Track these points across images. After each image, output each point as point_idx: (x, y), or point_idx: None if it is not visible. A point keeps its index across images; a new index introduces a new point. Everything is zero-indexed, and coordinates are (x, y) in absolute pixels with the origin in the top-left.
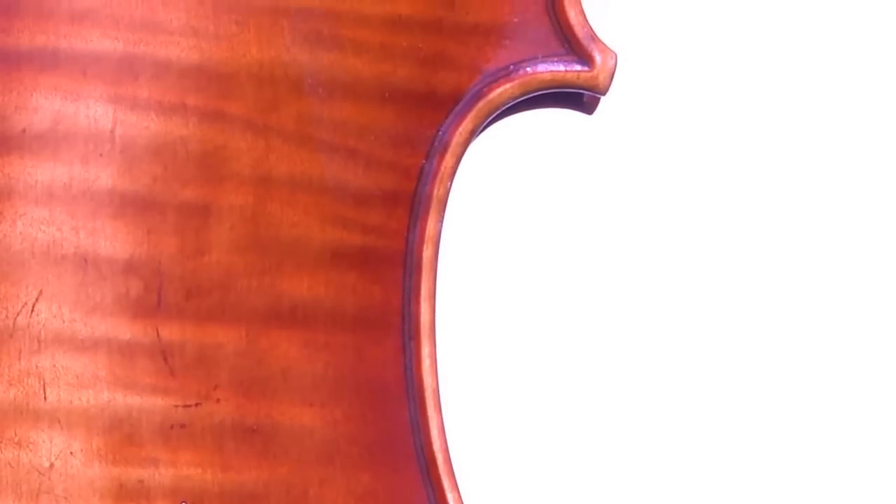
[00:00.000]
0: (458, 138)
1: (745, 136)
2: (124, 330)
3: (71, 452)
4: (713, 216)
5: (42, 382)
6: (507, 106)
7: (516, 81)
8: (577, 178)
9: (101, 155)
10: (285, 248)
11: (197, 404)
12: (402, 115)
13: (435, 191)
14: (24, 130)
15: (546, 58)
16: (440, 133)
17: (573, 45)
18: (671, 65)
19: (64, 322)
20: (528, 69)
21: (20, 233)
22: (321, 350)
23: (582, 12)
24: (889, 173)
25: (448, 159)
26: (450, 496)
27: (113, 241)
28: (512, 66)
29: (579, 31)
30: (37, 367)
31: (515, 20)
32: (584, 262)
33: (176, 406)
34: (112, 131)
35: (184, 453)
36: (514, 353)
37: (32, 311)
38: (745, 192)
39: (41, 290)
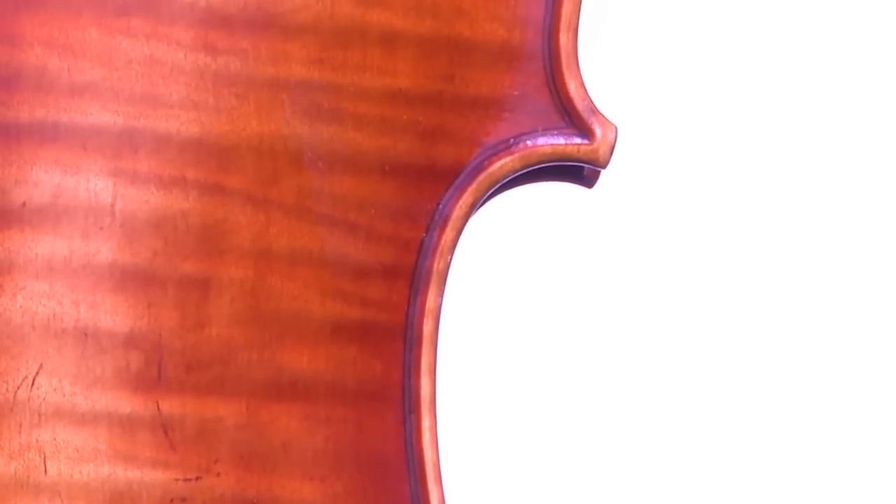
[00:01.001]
0: (458, 212)
1: (746, 211)
2: (125, 403)
3: None
4: (714, 290)
5: (43, 456)
6: (507, 179)
7: (516, 155)
8: (577, 251)
9: (101, 228)
10: (285, 321)
11: (197, 478)
12: (402, 188)
13: (435, 264)
14: (24, 204)
15: (546, 131)
16: (440, 206)
17: (573, 118)
18: (671, 139)
19: (64, 396)
20: (529, 142)
21: (20, 306)
22: (322, 423)
23: (582, 85)
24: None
25: (448, 233)
26: None
27: (113, 314)
28: (512, 140)
29: (579, 104)
30: (37, 440)
31: (516, 93)
32: (585, 335)
33: (176, 480)
34: (112, 205)
35: None
36: (515, 426)
37: (33, 384)
38: (747, 266)
39: (41, 364)
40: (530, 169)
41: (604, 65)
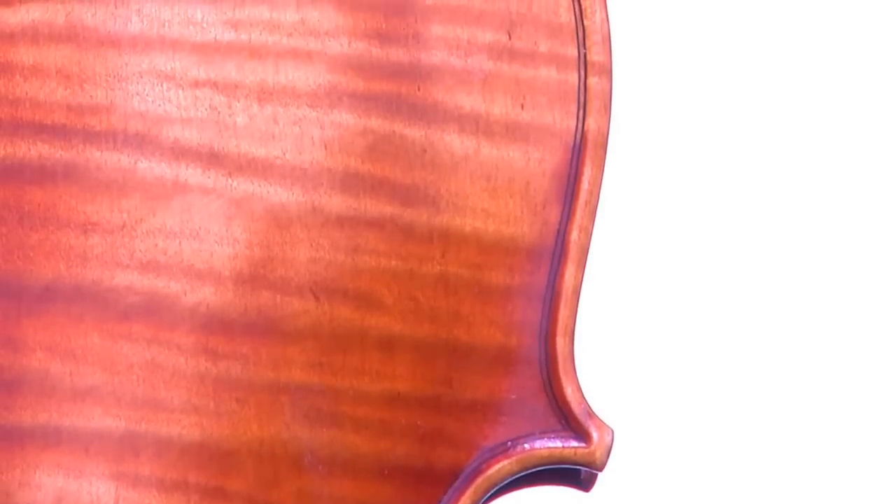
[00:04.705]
0: None
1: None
2: None
3: None
4: None
5: None
6: (505, 482)
7: (514, 458)
8: None
9: None
10: None
11: None
12: (400, 491)
13: None
14: None
15: (543, 434)
16: None
17: (570, 421)
18: (665, 434)
19: None
20: (526, 445)
21: None
22: None
23: (578, 389)
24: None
25: None
26: None
27: None
28: (510, 442)
29: (576, 407)
30: None
31: (513, 397)
32: None
33: None
34: None
35: None
36: None
37: None
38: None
39: None
40: (528, 472)
41: (597, 361)
